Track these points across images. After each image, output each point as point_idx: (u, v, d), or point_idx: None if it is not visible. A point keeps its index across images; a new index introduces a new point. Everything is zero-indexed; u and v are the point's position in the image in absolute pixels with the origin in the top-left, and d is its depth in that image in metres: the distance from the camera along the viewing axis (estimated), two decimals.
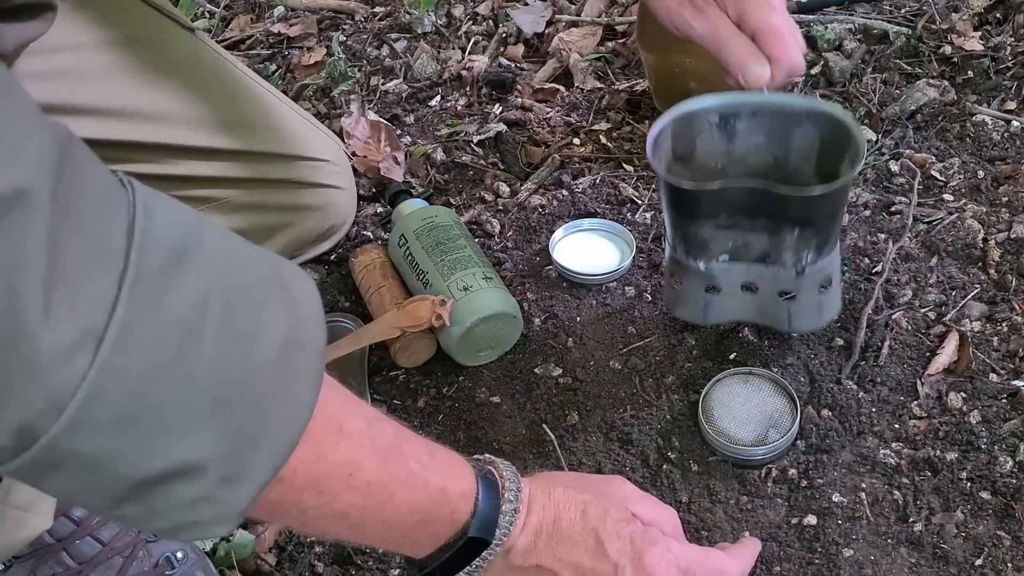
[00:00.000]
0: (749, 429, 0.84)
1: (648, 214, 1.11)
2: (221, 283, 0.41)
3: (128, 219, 0.39)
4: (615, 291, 1.02)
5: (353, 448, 0.49)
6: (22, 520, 0.71)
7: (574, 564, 0.58)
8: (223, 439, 0.41)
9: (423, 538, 0.54)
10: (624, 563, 0.58)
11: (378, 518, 0.51)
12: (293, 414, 0.44)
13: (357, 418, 0.51)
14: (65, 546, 0.76)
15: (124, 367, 0.37)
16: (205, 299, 0.40)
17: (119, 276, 0.38)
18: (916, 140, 1.13)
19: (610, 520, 0.59)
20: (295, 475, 0.46)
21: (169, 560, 0.79)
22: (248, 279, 0.43)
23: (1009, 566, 0.74)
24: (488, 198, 1.17)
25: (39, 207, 0.36)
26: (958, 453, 0.82)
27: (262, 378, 0.42)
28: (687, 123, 0.82)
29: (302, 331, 0.45)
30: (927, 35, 1.25)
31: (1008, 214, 1.01)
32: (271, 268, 0.45)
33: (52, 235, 0.36)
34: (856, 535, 0.78)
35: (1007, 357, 0.89)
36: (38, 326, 0.35)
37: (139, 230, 0.39)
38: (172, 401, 0.39)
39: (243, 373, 0.41)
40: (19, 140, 0.36)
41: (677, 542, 0.62)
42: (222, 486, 0.42)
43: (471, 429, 0.91)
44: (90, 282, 0.37)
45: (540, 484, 0.60)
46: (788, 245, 0.81)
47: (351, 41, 1.51)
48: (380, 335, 0.94)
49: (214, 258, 0.42)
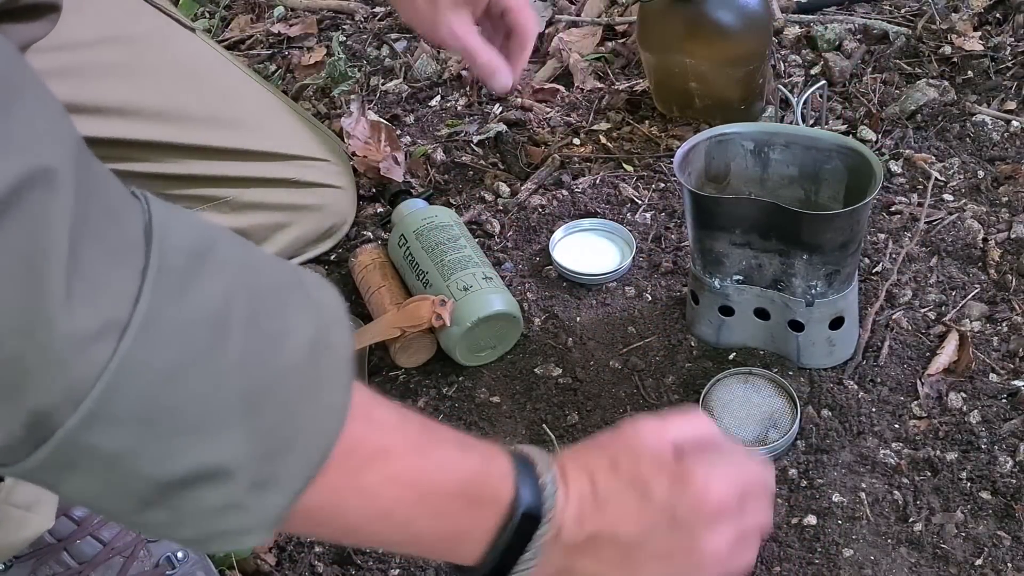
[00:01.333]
0: (749, 429, 0.84)
1: (648, 214, 1.11)
2: (243, 284, 0.40)
3: (144, 222, 0.38)
4: (615, 291, 1.02)
5: (387, 440, 0.48)
6: (24, 520, 0.71)
7: (628, 522, 0.54)
8: (252, 442, 0.40)
9: (474, 530, 0.51)
10: (675, 501, 0.54)
11: (424, 511, 0.49)
12: (326, 419, 0.43)
13: (384, 409, 0.49)
14: (66, 546, 0.76)
15: (147, 361, 0.36)
16: (229, 298, 0.39)
17: (142, 270, 0.37)
18: (916, 140, 1.13)
19: (644, 464, 0.55)
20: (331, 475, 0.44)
21: (170, 560, 0.79)
22: (270, 282, 0.42)
23: (1009, 566, 0.74)
24: (488, 198, 1.17)
25: (65, 190, 0.35)
26: (958, 453, 0.82)
27: (291, 380, 0.41)
28: (722, 145, 0.85)
29: (328, 335, 0.44)
30: (927, 35, 1.25)
31: (1008, 214, 1.01)
32: (292, 273, 0.45)
33: (75, 222, 0.35)
34: (856, 535, 0.78)
35: (1007, 357, 0.89)
36: (58, 312, 0.34)
37: (157, 233, 0.38)
38: (197, 399, 0.38)
39: (271, 374, 0.40)
40: (49, 124, 0.36)
41: (716, 456, 0.57)
42: (252, 492, 0.40)
43: (471, 429, 0.91)
44: (112, 273, 0.36)
45: (566, 456, 0.57)
46: (798, 271, 0.83)
47: (351, 41, 1.51)
48: (380, 335, 0.94)
49: (234, 262, 0.41)
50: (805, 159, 0.85)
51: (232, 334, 0.39)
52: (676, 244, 1.06)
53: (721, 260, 0.86)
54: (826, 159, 0.84)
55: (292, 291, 0.43)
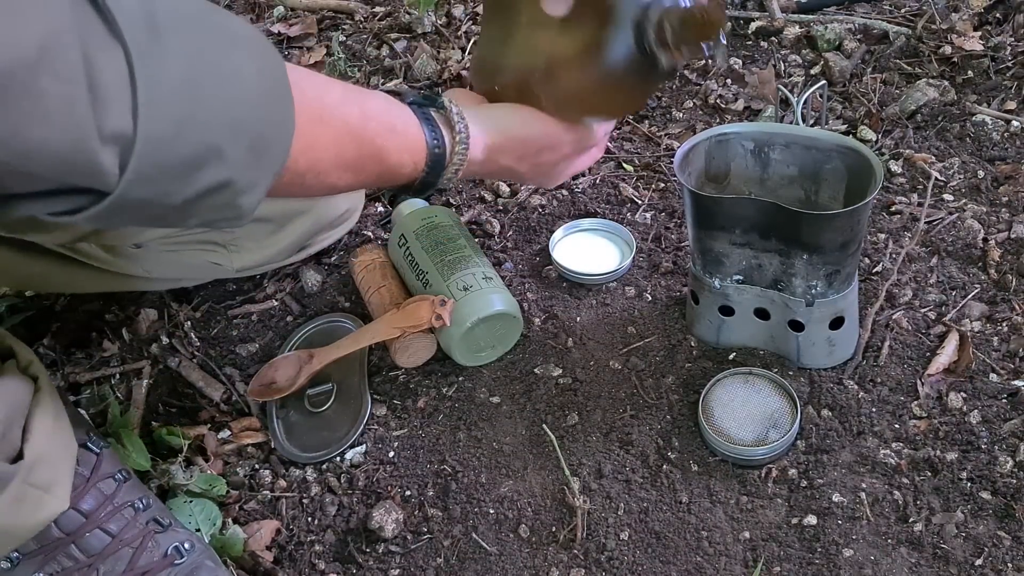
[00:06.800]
0: (749, 429, 0.84)
1: (648, 214, 1.11)
2: (194, 41, 0.49)
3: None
4: (615, 291, 1.02)
5: (334, 133, 0.62)
6: (41, 501, 0.72)
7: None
8: (240, 155, 0.52)
9: (399, 179, 0.70)
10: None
11: (361, 181, 0.67)
12: (283, 126, 0.55)
13: (329, 103, 0.62)
14: (74, 539, 0.76)
15: (155, 133, 0.46)
16: (191, 60, 0.48)
17: (127, 58, 0.44)
18: (916, 140, 1.13)
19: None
20: (297, 164, 0.58)
21: (178, 549, 0.79)
22: (208, 32, 0.50)
23: (1009, 566, 0.74)
24: (488, 198, 1.17)
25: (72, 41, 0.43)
26: (958, 453, 0.82)
27: (256, 104, 0.52)
28: (722, 145, 0.85)
29: (265, 61, 0.54)
30: (927, 35, 1.25)
31: (1008, 214, 1.02)
32: (213, 16, 0.52)
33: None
34: (856, 535, 0.78)
35: (1007, 357, 0.89)
36: (92, 129, 0.44)
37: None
38: (198, 143, 0.49)
39: (242, 105, 0.51)
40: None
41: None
42: (241, 196, 0.54)
43: (471, 429, 0.91)
44: (111, 81, 0.44)
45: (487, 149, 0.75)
46: (798, 271, 0.83)
47: (351, 41, 1.51)
48: (380, 335, 0.94)
49: (176, 23, 0.48)
50: (805, 159, 0.86)
51: (204, 87, 0.49)
52: (676, 244, 1.06)
53: (721, 260, 0.86)
54: (826, 159, 0.84)
55: (222, 33, 0.52)
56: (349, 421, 0.93)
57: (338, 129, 0.63)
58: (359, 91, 0.67)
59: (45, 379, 0.76)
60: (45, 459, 0.71)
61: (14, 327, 1.08)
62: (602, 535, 0.81)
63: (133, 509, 0.79)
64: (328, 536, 0.85)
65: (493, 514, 0.84)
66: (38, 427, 0.72)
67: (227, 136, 0.51)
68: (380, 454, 0.91)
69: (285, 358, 0.97)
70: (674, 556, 0.79)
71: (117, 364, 1.04)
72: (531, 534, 0.82)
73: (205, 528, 0.85)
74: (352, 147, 0.64)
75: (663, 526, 0.81)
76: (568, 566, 0.80)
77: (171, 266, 1.00)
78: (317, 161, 0.61)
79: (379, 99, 0.69)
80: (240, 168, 0.52)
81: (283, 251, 1.05)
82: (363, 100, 0.66)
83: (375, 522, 0.83)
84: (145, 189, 0.48)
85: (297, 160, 0.58)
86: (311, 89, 0.61)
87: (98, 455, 0.80)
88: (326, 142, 0.62)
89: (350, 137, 0.64)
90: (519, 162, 0.79)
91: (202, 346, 1.04)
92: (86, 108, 0.43)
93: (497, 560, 0.81)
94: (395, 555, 0.83)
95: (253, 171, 0.54)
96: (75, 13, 0.43)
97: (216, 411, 0.98)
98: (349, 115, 0.64)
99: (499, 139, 0.76)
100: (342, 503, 0.87)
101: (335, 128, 0.62)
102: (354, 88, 0.67)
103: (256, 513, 0.88)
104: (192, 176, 0.50)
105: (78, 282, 0.98)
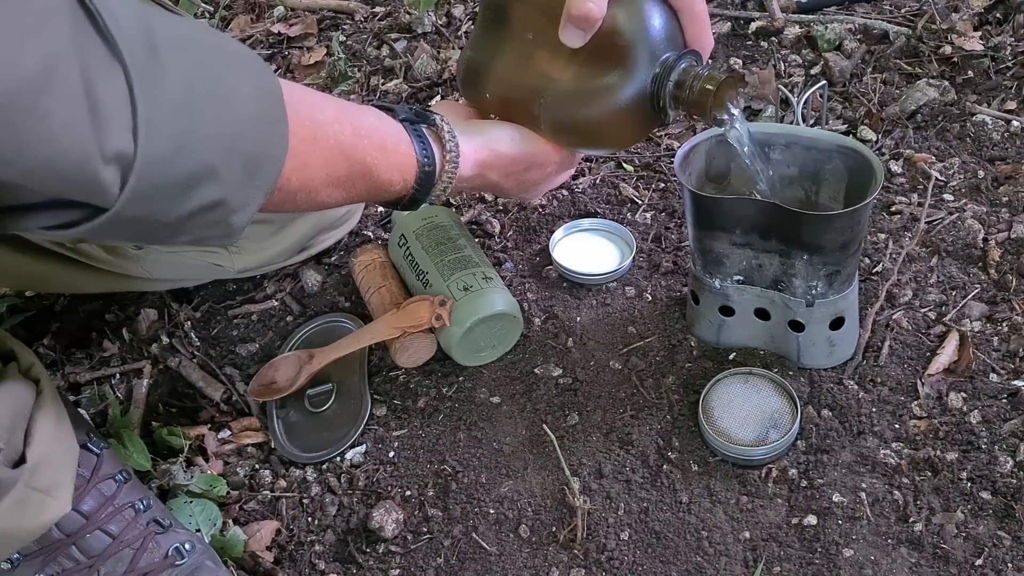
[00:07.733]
0: (749, 429, 0.84)
1: (648, 214, 1.11)
2: (191, 62, 0.49)
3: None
4: (615, 291, 1.02)
5: (326, 152, 0.62)
6: (43, 504, 0.72)
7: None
8: (235, 178, 0.52)
9: (388, 195, 0.71)
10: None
11: (350, 198, 0.68)
12: (277, 147, 0.56)
13: (323, 122, 0.62)
14: (74, 541, 0.76)
15: (153, 154, 0.47)
16: (189, 81, 0.49)
17: (127, 79, 0.45)
18: (916, 140, 1.13)
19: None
20: (289, 183, 0.59)
21: (178, 550, 0.79)
22: (205, 53, 0.51)
23: (1009, 566, 0.74)
24: (488, 198, 1.17)
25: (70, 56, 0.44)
26: (958, 453, 0.82)
27: (251, 125, 0.53)
28: (723, 145, 0.85)
29: (261, 81, 0.54)
30: (927, 35, 1.25)
31: (1008, 214, 1.02)
32: (209, 37, 0.53)
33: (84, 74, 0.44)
34: (856, 535, 0.78)
35: (1007, 357, 0.89)
36: (94, 147, 0.44)
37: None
38: (194, 164, 0.49)
39: (238, 125, 0.52)
40: (39, 17, 0.42)
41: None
42: (232, 215, 0.54)
43: (471, 429, 0.91)
44: (111, 101, 0.44)
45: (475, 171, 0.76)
46: (798, 271, 0.83)
47: (351, 41, 1.51)
48: (380, 335, 0.94)
49: (173, 45, 0.49)
50: (805, 159, 0.86)
51: (201, 107, 0.49)
52: (676, 244, 1.06)
53: (721, 260, 0.86)
54: (826, 159, 0.84)
55: (219, 54, 0.52)
56: (349, 421, 0.93)
57: (330, 148, 0.63)
58: (352, 108, 0.68)
59: (47, 382, 0.76)
60: (47, 462, 0.71)
61: (14, 327, 1.08)
62: (602, 535, 0.81)
63: (133, 510, 0.79)
64: (328, 536, 0.85)
65: (493, 514, 0.84)
66: (40, 431, 0.72)
67: (222, 156, 0.51)
68: (380, 454, 0.91)
69: (285, 358, 0.97)
70: (674, 556, 0.79)
71: (117, 364, 1.04)
72: (531, 534, 0.82)
73: (205, 528, 0.85)
74: (343, 165, 0.65)
75: (663, 526, 0.81)
76: (568, 566, 0.80)
77: (172, 267, 1.00)
78: (309, 180, 0.62)
79: (371, 116, 0.69)
80: (234, 187, 0.53)
81: (284, 252, 1.05)
82: (355, 118, 0.67)
83: (375, 522, 0.83)
84: (141, 207, 0.49)
85: (289, 179, 0.59)
86: (305, 108, 0.61)
87: (98, 456, 0.80)
88: (318, 161, 0.62)
89: (342, 156, 0.64)
90: (505, 178, 0.80)
91: (202, 346, 1.04)
92: (88, 128, 0.44)
93: (497, 560, 0.81)
94: (395, 555, 0.83)
95: (246, 190, 0.54)
96: (76, 35, 0.43)
97: (216, 411, 0.98)
98: (341, 133, 0.64)
99: (488, 156, 0.77)
100: (342, 503, 0.87)
101: (327, 147, 0.63)
102: (347, 105, 0.68)
103: (256, 513, 0.88)
104: (187, 195, 0.50)
105: (79, 282, 0.98)
